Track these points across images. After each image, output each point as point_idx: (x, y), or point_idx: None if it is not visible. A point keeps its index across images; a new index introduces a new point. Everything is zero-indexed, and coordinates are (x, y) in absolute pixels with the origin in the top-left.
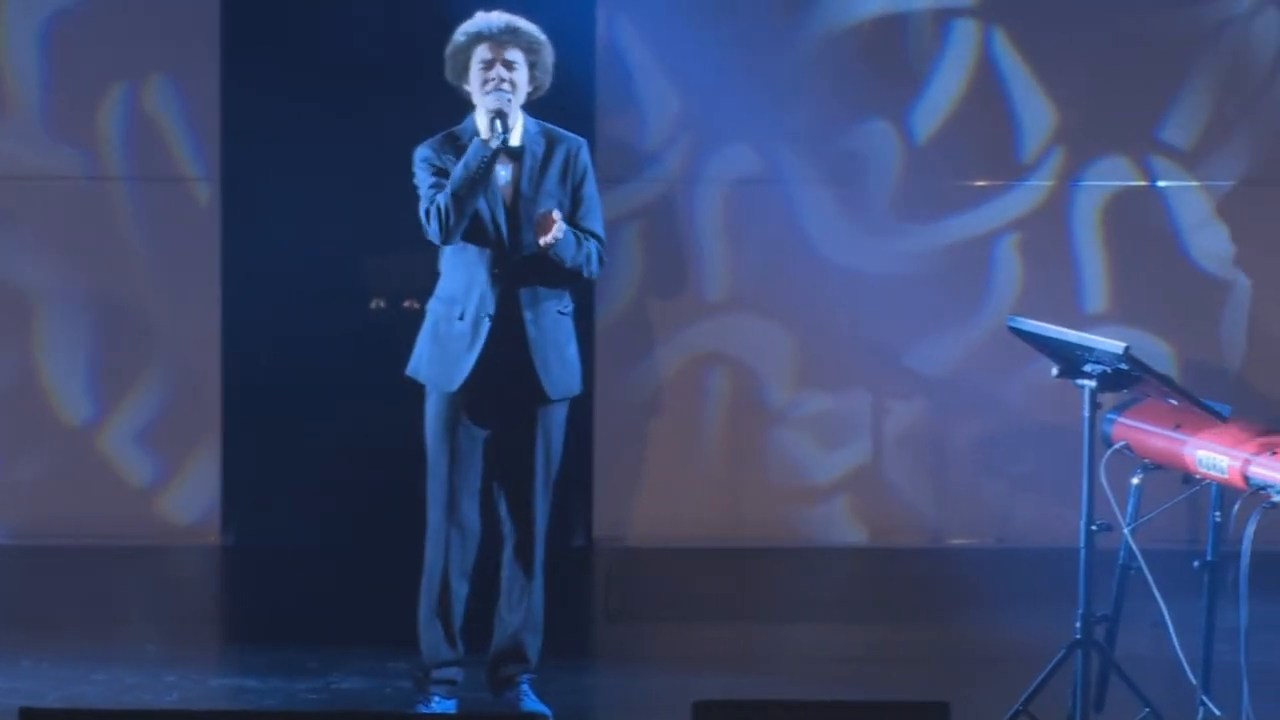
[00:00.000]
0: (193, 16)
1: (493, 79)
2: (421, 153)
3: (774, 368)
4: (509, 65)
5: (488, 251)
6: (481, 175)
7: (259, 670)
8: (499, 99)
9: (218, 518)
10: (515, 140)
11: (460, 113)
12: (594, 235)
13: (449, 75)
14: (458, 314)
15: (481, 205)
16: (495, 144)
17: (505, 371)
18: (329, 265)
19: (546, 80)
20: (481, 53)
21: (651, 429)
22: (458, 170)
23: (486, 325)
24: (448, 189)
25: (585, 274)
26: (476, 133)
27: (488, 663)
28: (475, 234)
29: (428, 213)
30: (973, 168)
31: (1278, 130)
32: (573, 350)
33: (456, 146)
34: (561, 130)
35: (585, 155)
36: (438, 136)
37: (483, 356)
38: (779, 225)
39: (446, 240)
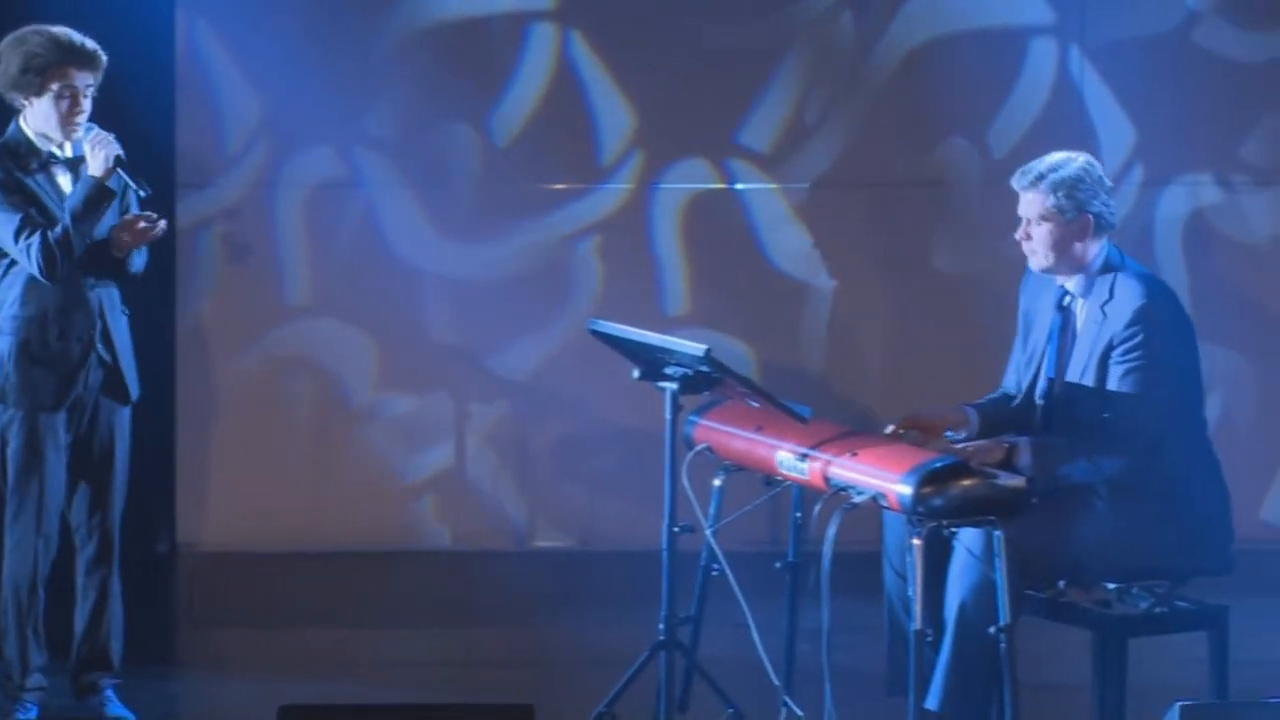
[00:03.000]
0: None
1: (79, 115)
2: None
3: (357, 371)
4: (86, 95)
5: (74, 267)
6: (101, 214)
7: None
8: (108, 144)
9: None
10: (95, 170)
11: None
12: None
13: (4, 83)
14: (55, 334)
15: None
16: (125, 187)
17: (98, 381)
18: None
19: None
20: (65, 79)
21: (235, 433)
22: (78, 207)
23: (91, 341)
24: (68, 225)
25: (136, 272)
26: (32, 146)
27: (70, 670)
28: None
29: (44, 250)
30: (553, 171)
31: (854, 133)
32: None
33: (19, 159)
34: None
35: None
36: None
37: (84, 371)
38: (360, 228)
39: (56, 278)
